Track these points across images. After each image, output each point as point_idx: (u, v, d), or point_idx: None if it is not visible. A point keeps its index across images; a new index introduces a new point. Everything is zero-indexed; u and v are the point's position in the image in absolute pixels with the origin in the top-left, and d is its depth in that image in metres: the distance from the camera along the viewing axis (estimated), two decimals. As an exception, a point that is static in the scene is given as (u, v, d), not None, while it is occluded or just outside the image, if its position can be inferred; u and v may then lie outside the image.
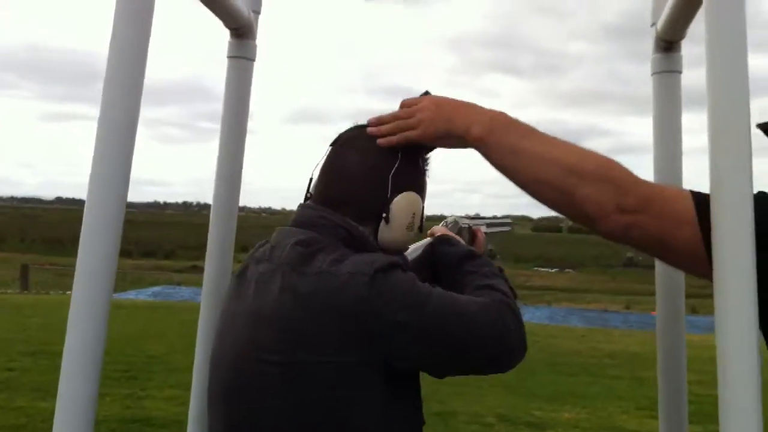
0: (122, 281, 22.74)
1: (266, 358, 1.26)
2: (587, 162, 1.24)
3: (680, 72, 1.72)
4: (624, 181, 1.22)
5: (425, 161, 1.48)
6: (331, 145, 1.47)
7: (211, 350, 1.46)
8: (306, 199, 1.48)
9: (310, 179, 1.47)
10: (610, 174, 1.23)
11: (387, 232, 1.39)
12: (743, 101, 1.10)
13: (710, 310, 1.12)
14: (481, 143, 1.32)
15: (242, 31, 1.80)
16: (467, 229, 1.71)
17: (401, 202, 1.38)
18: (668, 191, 1.28)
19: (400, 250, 1.46)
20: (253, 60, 1.84)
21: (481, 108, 1.37)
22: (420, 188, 1.44)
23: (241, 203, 1.85)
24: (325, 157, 1.46)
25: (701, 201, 1.15)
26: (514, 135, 1.30)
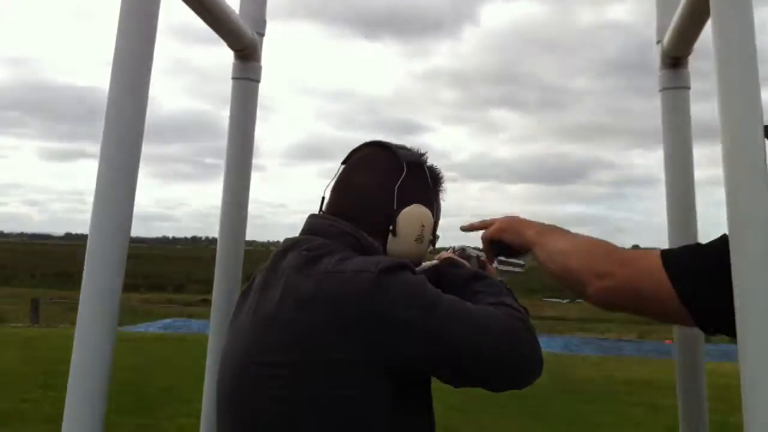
0: (132, 315, 22.69)
1: (270, 361, 1.24)
2: (580, 245, 1.47)
3: (688, 88, 1.70)
4: (600, 252, 1.43)
5: (434, 176, 1.49)
6: (342, 163, 1.49)
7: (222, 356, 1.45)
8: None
9: (323, 198, 1.49)
10: (590, 249, 1.45)
11: (395, 245, 1.39)
12: (756, 115, 1.08)
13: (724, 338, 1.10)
14: (532, 242, 1.54)
15: (246, 53, 1.81)
16: (476, 258, 1.69)
17: (407, 214, 1.39)
18: (638, 252, 1.47)
19: (429, 272, 1.45)
20: (258, 81, 1.85)
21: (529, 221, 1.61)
22: (428, 201, 1.44)
23: (250, 238, 1.85)
24: (336, 175, 1.48)
25: (669, 255, 1.34)
26: (548, 236, 1.53)
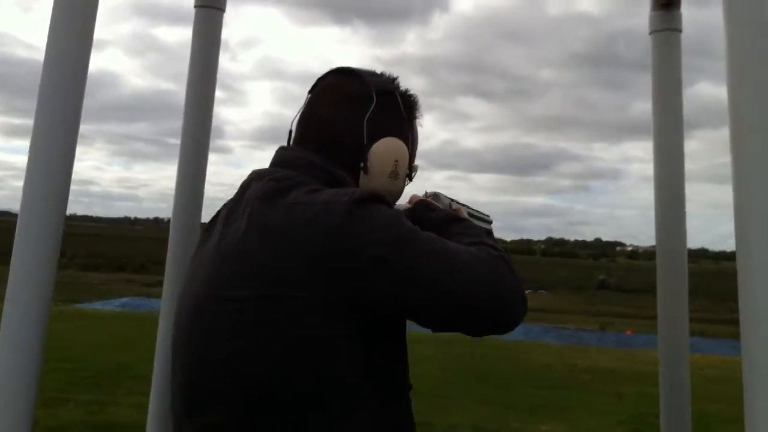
0: (90, 293, 22.32)
1: (230, 296, 1.13)
2: None
3: (680, 30, 1.61)
4: None
5: (408, 104, 1.36)
6: (309, 92, 1.37)
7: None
8: None
9: (290, 131, 1.37)
10: None
11: (367, 182, 1.28)
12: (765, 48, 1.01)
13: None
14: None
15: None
16: (448, 204, 1.59)
17: (379, 149, 1.28)
18: None
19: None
20: (223, 10, 1.71)
21: None
22: (402, 133, 1.32)
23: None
24: (303, 106, 1.36)
25: None
26: None
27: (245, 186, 1.26)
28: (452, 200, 1.59)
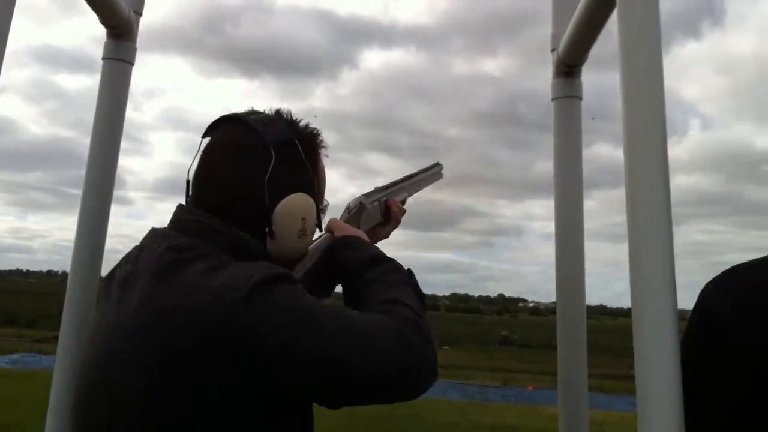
0: (-23, 348, 21.06)
1: (121, 376, 1.07)
2: None
3: (580, 98, 1.69)
4: None
5: (310, 146, 1.29)
6: (202, 138, 1.28)
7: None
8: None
9: (187, 182, 1.27)
10: None
11: (275, 245, 1.22)
12: (659, 113, 1.06)
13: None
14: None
15: (121, 31, 1.66)
16: (377, 206, 1.53)
17: (284, 209, 1.21)
18: None
19: (297, 259, 1.29)
20: (132, 63, 1.70)
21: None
22: (307, 184, 1.25)
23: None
24: (197, 157, 1.27)
25: None
26: None
27: (141, 247, 1.21)
28: (386, 188, 1.56)
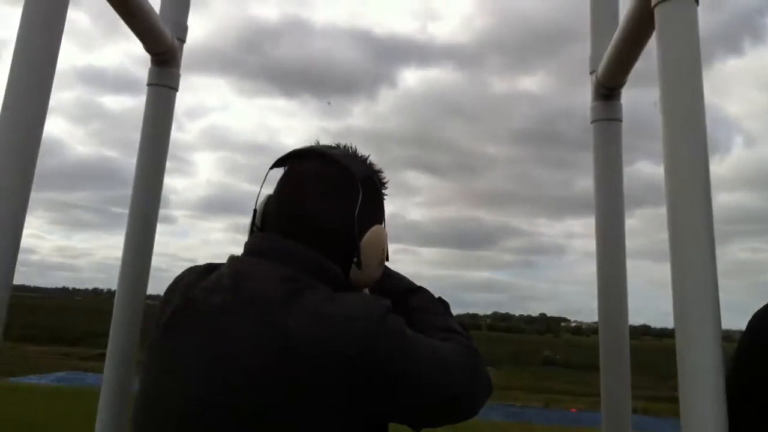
0: (24, 366, 21.47)
1: (236, 403, 1.07)
2: None
3: (620, 120, 1.68)
4: None
5: (382, 184, 1.37)
6: (286, 173, 1.33)
7: (142, 396, 1.22)
8: (252, 231, 1.33)
9: (255, 211, 1.33)
10: None
11: (359, 273, 1.27)
12: (699, 132, 1.07)
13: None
14: None
15: (165, 58, 1.70)
16: None
17: (370, 241, 1.27)
18: None
19: (370, 286, 1.35)
20: (176, 89, 1.74)
21: None
22: (382, 217, 1.35)
23: (156, 291, 1.64)
24: (280, 188, 1.32)
25: None
26: None
27: (238, 275, 1.19)
28: None
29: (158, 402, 1.17)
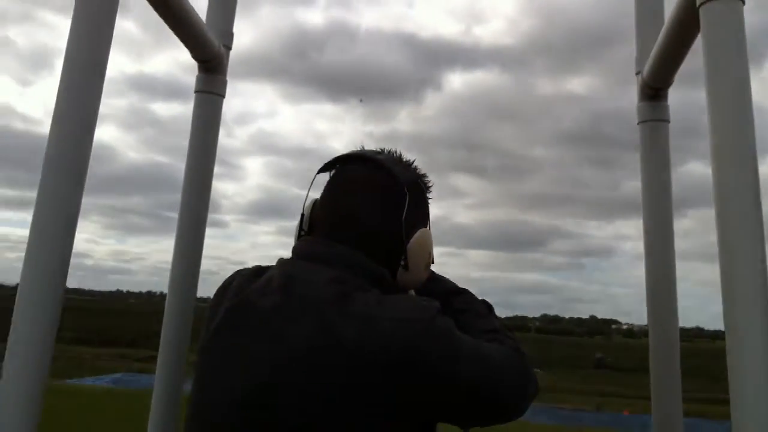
0: (80, 368, 21.95)
1: (288, 403, 1.09)
2: None
3: (668, 121, 1.65)
4: None
5: (428, 189, 1.38)
6: (333, 177, 1.35)
7: (194, 397, 1.24)
8: (300, 234, 1.36)
9: (302, 215, 1.36)
10: None
11: (406, 276, 1.29)
12: (747, 133, 1.06)
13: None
14: None
15: (212, 65, 1.73)
16: None
17: (417, 244, 1.29)
18: None
19: (417, 288, 1.36)
20: (223, 96, 1.76)
21: None
22: (428, 221, 1.36)
23: (206, 294, 1.65)
24: (327, 192, 1.34)
25: None
26: None
27: (289, 277, 1.21)
28: None
29: (210, 403, 1.18)
